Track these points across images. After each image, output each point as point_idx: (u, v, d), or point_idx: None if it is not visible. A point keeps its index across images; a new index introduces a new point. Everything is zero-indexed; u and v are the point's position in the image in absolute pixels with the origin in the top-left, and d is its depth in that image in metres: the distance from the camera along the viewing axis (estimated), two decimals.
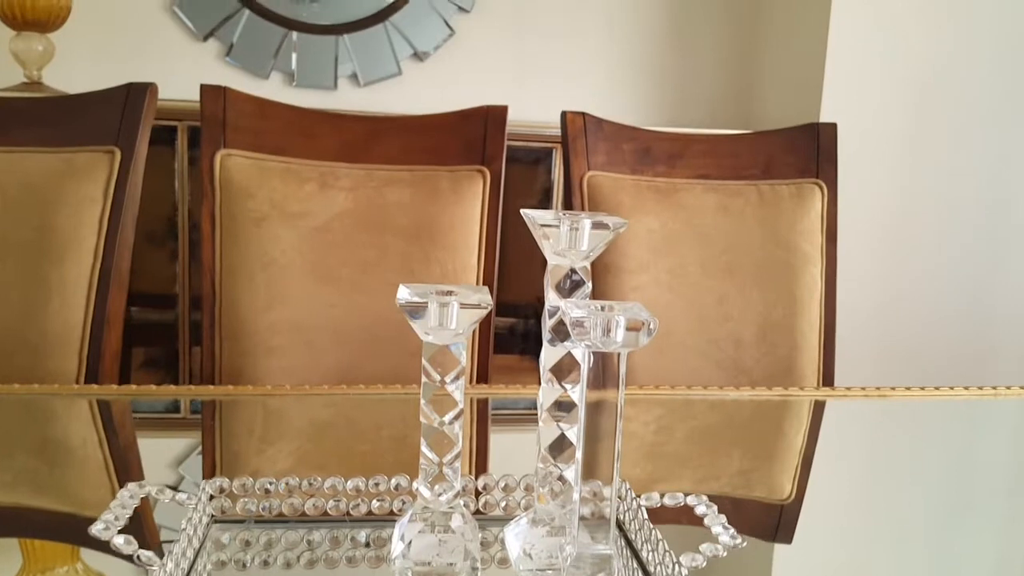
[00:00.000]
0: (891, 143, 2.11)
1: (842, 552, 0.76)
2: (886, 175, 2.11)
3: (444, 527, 0.66)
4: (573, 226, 0.62)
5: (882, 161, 2.10)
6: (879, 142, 2.09)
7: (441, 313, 0.63)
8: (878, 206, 2.08)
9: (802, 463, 1.04)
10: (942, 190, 2.15)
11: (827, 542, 0.81)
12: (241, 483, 0.70)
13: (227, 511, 0.71)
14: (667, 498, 0.69)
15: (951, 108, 2.13)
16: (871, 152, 2.06)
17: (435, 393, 0.65)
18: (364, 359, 1.29)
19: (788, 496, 0.91)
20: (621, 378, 0.55)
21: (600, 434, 0.59)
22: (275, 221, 1.27)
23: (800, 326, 1.38)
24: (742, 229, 1.38)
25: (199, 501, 0.67)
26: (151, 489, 0.66)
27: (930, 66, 2.11)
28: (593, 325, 0.52)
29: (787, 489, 0.94)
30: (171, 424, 1.11)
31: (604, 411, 0.59)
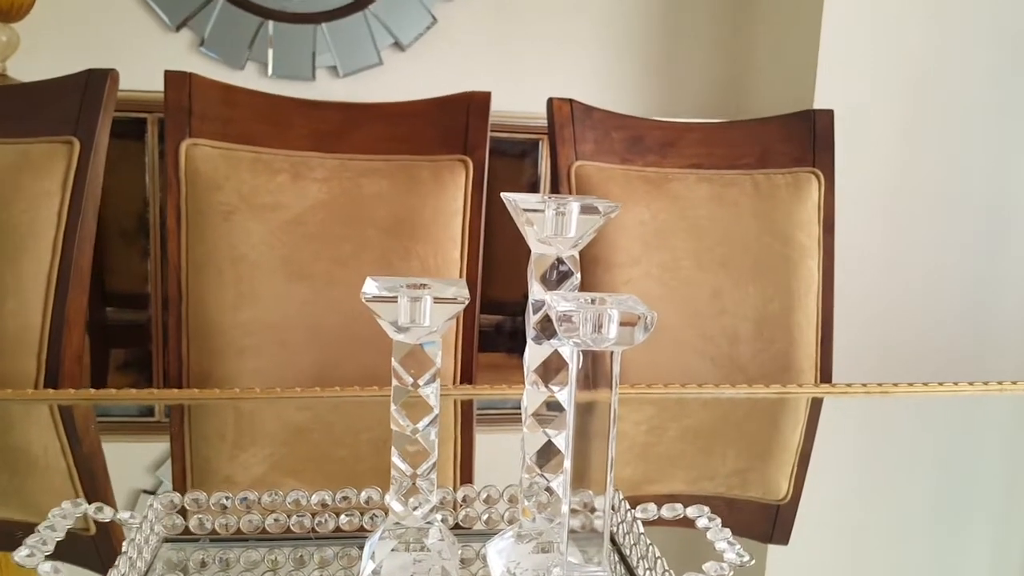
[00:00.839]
0: (887, 130, 2.05)
1: (840, 554, 0.72)
2: (882, 163, 2.05)
3: (419, 545, 0.60)
4: (559, 210, 0.56)
5: (878, 149, 2.05)
6: (874, 129, 2.03)
7: (412, 308, 0.56)
8: (874, 196, 2.02)
9: (799, 462, 1.00)
10: (940, 178, 2.09)
11: (824, 543, 0.77)
12: (194, 498, 0.64)
13: (179, 528, 0.64)
14: (665, 509, 0.62)
15: (948, 93, 2.08)
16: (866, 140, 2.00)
17: (407, 397, 0.59)
18: (341, 359, 1.22)
19: (784, 496, 0.87)
20: (614, 379, 0.48)
21: (591, 440, 0.53)
22: (244, 214, 1.21)
23: (797, 320, 1.32)
24: (737, 220, 1.32)
25: (144, 519, 0.60)
26: (87, 508, 0.59)
27: (927, 49, 2.05)
28: (583, 320, 0.46)
29: (783, 489, 0.90)
30: (146, 428, 1.05)
31: (595, 415, 0.53)
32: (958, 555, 0.76)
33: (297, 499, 0.65)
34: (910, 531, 0.80)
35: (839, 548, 0.74)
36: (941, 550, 0.77)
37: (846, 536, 0.77)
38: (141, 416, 1.06)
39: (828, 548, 0.75)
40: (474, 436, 1.09)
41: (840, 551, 0.74)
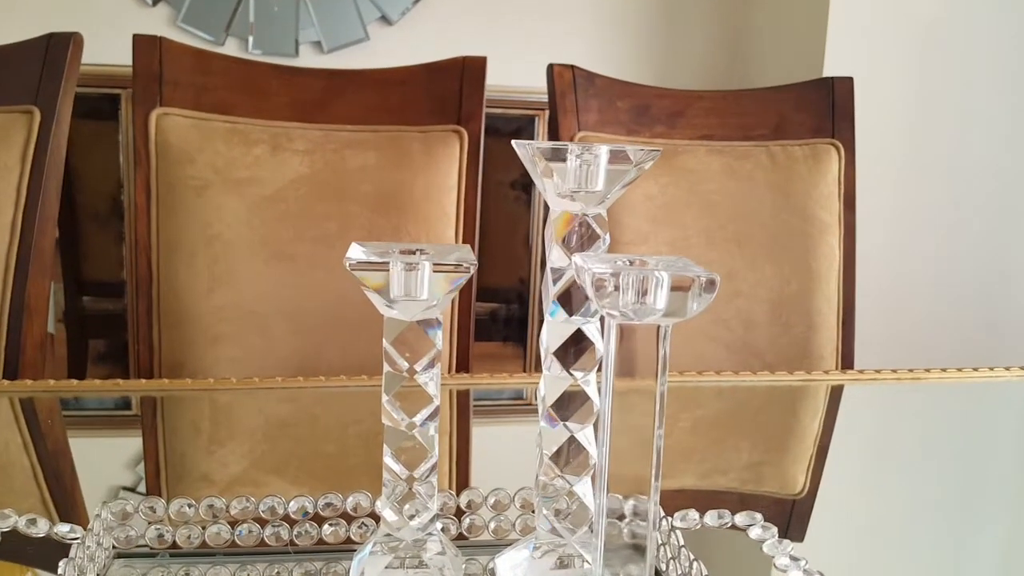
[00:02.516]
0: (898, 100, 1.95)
1: (858, 550, 0.64)
2: (894, 134, 1.95)
3: (416, 560, 0.51)
4: (585, 159, 0.46)
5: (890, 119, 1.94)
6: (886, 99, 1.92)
7: (407, 279, 0.47)
8: (886, 169, 1.92)
9: (816, 454, 0.92)
10: (954, 150, 1.99)
11: (842, 539, 0.69)
12: (150, 505, 0.54)
13: (134, 542, 0.55)
14: (708, 517, 0.53)
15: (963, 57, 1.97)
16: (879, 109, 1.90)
17: (402, 386, 0.49)
18: (325, 347, 1.13)
19: (801, 490, 0.81)
20: (663, 360, 0.39)
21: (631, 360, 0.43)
22: (218, 189, 1.10)
23: (817, 303, 1.23)
24: (751, 195, 1.23)
25: (89, 531, 0.50)
26: (17, 520, 0.50)
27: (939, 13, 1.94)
28: (625, 286, 0.36)
29: (800, 482, 0.83)
30: (124, 422, 0.98)
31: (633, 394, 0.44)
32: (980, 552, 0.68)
33: (272, 506, 0.55)
34: (933, 527, 0.72)
35: (857, 545, 0.67)
36: (966, 547, 0.69)
37: (865, 532, 0.70)
38: (118, 409, 0.98)
39: (846, 545, 0.67)
40: (471, 430, 1.00)
41: (858, 548, 0.66)
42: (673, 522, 0.52)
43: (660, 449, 0.46)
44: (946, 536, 0.70)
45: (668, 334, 0.40)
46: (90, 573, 0.50)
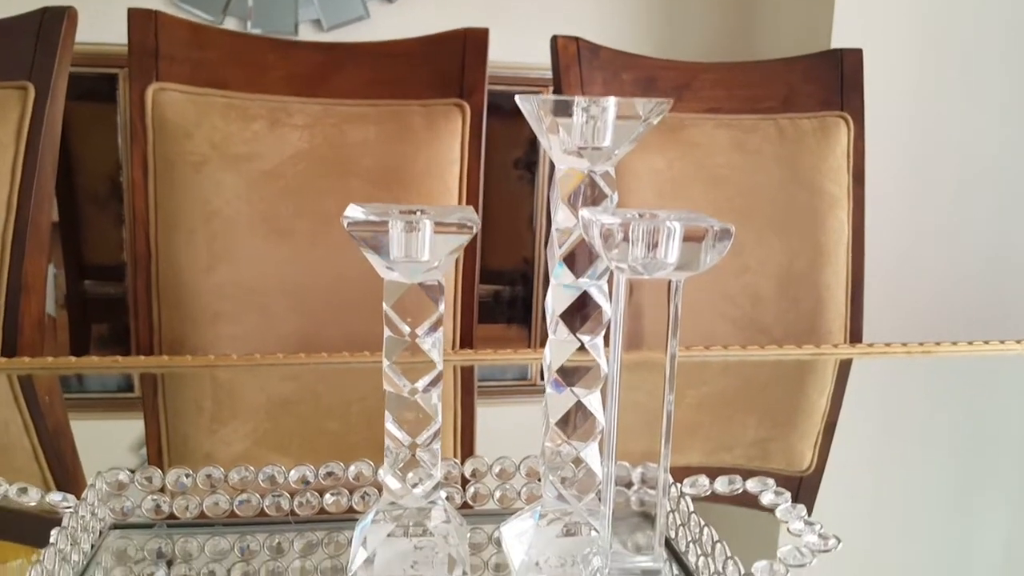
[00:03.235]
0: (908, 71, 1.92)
1: (866, 529, 0.61)
2: (905, 106, 1.91)
3: (420, 528, 0.49)
4: (592, 113, 0.44)
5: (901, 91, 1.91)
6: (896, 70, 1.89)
7: (408, 240, 0.45)
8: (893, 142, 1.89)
9: (824, 430, 0.91)
10: (965, 122, 1.96)
11: (850, 517, 0.66)
12: (147, 475, 0.52)
13: (130, 513, 0.53)
14: (718, 483, 0.51)
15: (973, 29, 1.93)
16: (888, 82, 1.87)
17: (403, 351, 0.48)
18: (326, 325, 1.11)
19: (808, 467, 0.79)
20: (674, 317, 0.37)
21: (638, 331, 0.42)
22: (217, 165, 1.09)
23: (825, 278, 1.22)
24: (759, 169, 1.21)
25: (83, 501, 0.49)
26: (7, 488, 0.48)
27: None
28: (635, 237, 0.35)
29: (807, 459, 0.82)
30: (127, 404, 0.96)
31: (639, 370, 0.42)
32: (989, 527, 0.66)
33: (273, 475, 0.54)
34: (939, 502, 0.70)
35: (866, 523, 0.64)
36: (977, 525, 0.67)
37: (874, 510, 0.68)
38: (120, 392, 0.97)
39: (854, 523, 0.65)
40: (475, 407, 0.98)
41: (866, 527, 0.64)
42: (683, 488, 0.51)
43: (671, 414, 0.45)
44: (955, 512, 0.68)
45: (680, 289, 0.38)
46: (84, 543, 0.49)
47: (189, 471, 0.53)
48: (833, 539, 0.45)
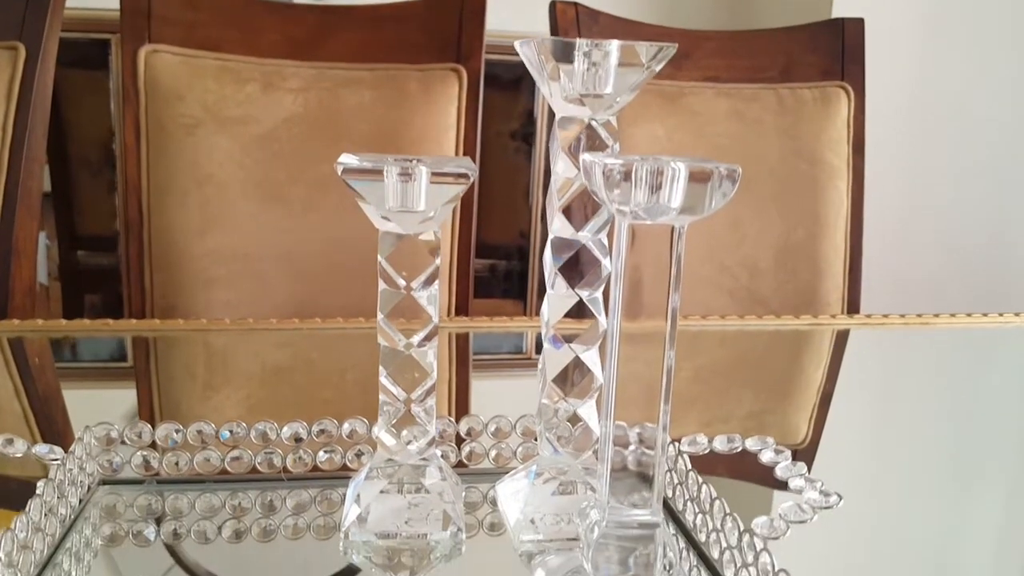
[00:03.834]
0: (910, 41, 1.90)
1: (861, 502, 0.59)
2: (906, 77, 1.89)
3: (415, 485, 0.49)
4: (593, 59, 0.43)
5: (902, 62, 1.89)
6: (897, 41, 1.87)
7: (403, 189, 0.44)
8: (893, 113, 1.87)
9: (820, 402, 0.90)
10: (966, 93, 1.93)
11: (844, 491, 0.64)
12: (136, 431, 0.52)
13: (119, 468, 0.53)
14: (717, 442, 0.51)
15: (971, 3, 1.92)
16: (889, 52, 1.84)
17: (398, 303, 0.47)
18: (321, 292, 1.10)
19: (803, 440, 0.78)
20: (676, 262, 0.37)
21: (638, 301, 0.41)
22: (210, 128, 1.07)
23: (823, 250, 1.21)
24: (759, 139, 1.20)
25: (71, 454, 0.48)
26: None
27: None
28: (638, 178, 0.33)
29: (802, 432, 0.80)
30: (119, 374, 0.94)
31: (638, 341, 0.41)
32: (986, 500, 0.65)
33: (264, 432, 0.53)
34: (939, 477, 0.69)
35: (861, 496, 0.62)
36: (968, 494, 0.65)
37: (869, 483, 0.66)
38: (113, 361, 0.96)
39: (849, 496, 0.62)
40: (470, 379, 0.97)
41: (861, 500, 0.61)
42: (681, 447, 0.50)
43: (671, 369, 0.44)
44: (951, 485, 0.67)
45: (683, 236, 0.37)
46: (72, 497, 0.48)
47: (179, 427, 0.53)
48: (835, 496, 0.44)
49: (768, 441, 0.50)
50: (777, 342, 1.04)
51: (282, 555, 0.49)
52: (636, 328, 0.43)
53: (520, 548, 0.48)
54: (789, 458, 0.49)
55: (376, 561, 0.47)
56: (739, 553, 0.42)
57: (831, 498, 0.44)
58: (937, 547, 0.54)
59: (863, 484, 0.65)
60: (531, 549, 0.48)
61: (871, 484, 0.65)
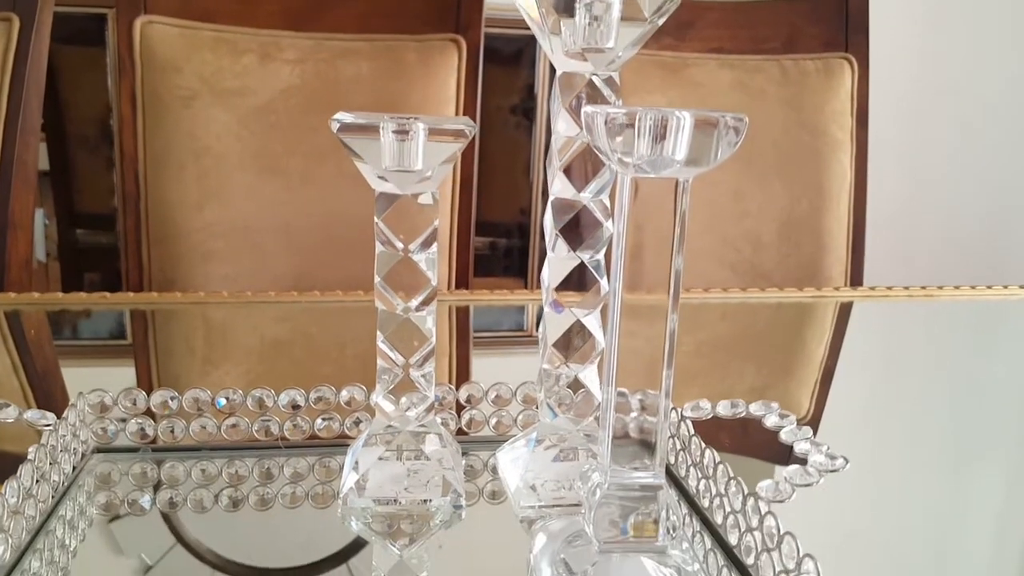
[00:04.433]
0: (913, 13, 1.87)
1: (863, 477, 0.58)
2: (910, 49, 1.87)
3: (414, 452, 0.48)
4: (594, 12, 0.42)
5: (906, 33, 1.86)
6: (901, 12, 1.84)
7: (400, 147, 0.43)
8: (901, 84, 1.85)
9: (822, 376, 0.89)
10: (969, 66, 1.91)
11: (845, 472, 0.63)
12: (131, 398, 0.51)
13: (114, 436, 0.52)
14: (720, 407, 0.50)
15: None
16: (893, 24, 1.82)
17: (395, 266, 0.46)
18: (320, 266, 1.09)
19: (804, 415, 0.76)
20: (680, 220, 0.36)
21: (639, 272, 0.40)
22: (207, 100, 1.06)
23: (827, 223, 1.20)
24: (762, 111, 1.18)
25: (64, 420, 0.47)
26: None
27: None
28: (641, 128, 0.32)
29: (804, 406, 0.79)
30: (119, 352, 0.93)
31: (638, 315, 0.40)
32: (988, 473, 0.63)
33: (261, 399, 0.52)
34: (943, 453, 0.67)
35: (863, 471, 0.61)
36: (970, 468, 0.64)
37: (872, 458, 0.64)
38: (112, 338, 0.95)
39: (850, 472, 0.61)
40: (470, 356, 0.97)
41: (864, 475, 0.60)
42: (683, 412, 0.49)
43: (674, 332, 0.43)
44: (955, 459, 0.66)
45: (687, 191, 0.36)
46: (65, 464, 0.47)
47: (175, 393, 0.52)
48: (840, 459, 0.43)
49: (772, 406, 0.49)
50: (779, 316, 1.03)
51: (280, 525, 0.48)
52: (637, 300, 0.42)
53: (521, 514, 0.47)
54: (794, 423, 0.48)
55: (375, 528, 0.47)
56: (743, 517, 0.41)
57: (837, 461, 0.44)
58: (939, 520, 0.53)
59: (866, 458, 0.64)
60: (532, 515, 0.47)
61: (874, 459, 0.64)
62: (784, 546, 0.37)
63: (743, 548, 0.41)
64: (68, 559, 0.44)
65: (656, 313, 0.42)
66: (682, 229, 0.39)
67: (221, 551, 0.45)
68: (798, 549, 0.36)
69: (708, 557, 0.44)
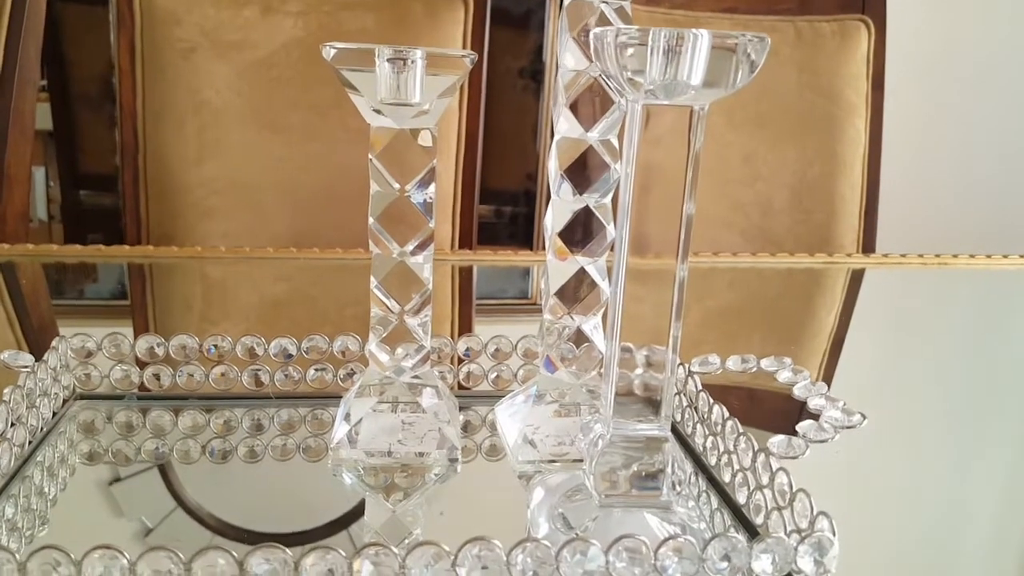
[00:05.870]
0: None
1: (872, 450, 0.55)
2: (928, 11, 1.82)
3: (409, 404, 0.46)
4: None
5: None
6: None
7: (397, 79, 0.41)
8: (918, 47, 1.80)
9: (831, 346, 0.86)
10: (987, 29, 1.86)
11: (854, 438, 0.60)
12: (115, 343, 0.49)
13: (97, 382, 0.50)
14: (730, 362, 0.48)
15: None
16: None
17: (391, 205, 0.44)
18: (321, 224, 1.07)
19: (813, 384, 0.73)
20: (693, 161, 0.33)
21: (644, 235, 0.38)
22: (207, 53, 1.03)
23: (840, 188, 1.17)
24: (776, 73, 1.15)
25: (43, 363, 0.45)
26: None
27: None
28: (653, 48, 0.30)
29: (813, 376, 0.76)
30: (119, 312, 0.92)
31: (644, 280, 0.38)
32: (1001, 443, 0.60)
33: (251, 347, 0.50)
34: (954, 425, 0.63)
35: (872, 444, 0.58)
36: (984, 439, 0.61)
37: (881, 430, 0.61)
38: (113, 299, 0.93)
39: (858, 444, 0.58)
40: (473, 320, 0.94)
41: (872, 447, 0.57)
42: (691, 367, 0.47)
43: (683, 282, 0.41)
44: (966, 430, 0.63)
45: (703, 119, 0.34)
46: (44, 409, 0.45)
47: (161, 339, 0.50)
48: (858, 415, 0.41)
49: (785, 361, 0.47)
50: (789, 285, 1.01)
51: (282, 488, 0.46)
52: (643, 264, 0.40)
53: (519, 469, 0.45)
54: (808, 378, 0.46)
55: (368, 481, 0.45)
56: (753, 475, 0.39)
57: (854, 417, 0.41)
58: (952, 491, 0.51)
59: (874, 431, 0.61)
60: (530, 470, 0.45)
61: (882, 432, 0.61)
62: (797, 504, 0.35)
63: (752, 507, 0.39)
64: (47, 507, 0.42)
65: (663, 278, 0.39)
66: (695, 170, 0.37)
67: (222, 515, 0.44)
68: (812, 506, 0.34)
69: (714, 517, 0.42)
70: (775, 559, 0.31)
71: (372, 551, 0.30)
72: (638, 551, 0.30)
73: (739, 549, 0.31)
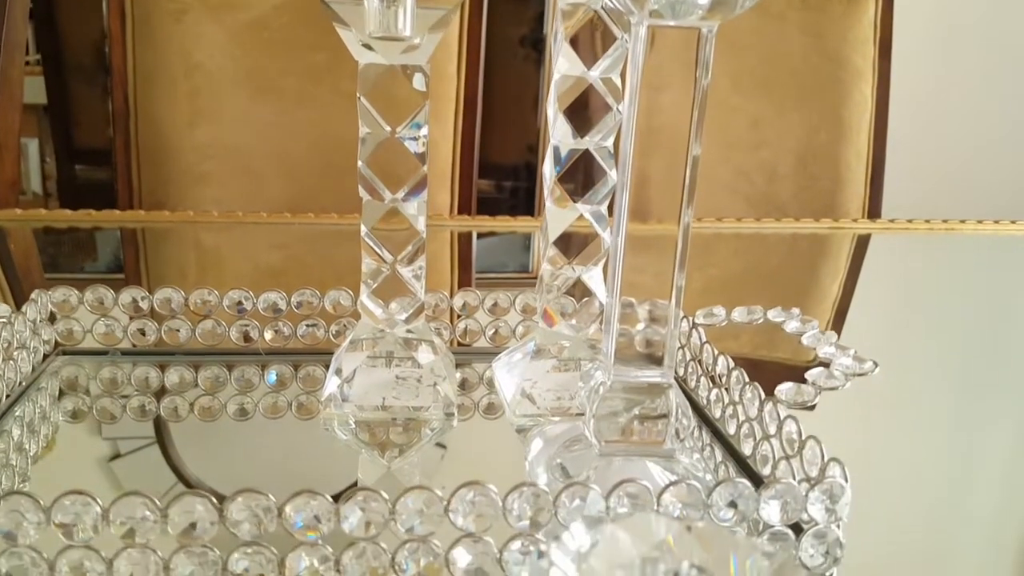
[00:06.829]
0: None
1: (874, 422, 0.53)
2: None
3: (403, 358, 0.44)
4: None
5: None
6: None
7: (386, 12, 0.39)
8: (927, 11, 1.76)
9: (835, 316, 0.83)
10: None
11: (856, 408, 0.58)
12: (98, 296, 0.47)
13: (79, 338, 0.48)
14: (736, 313, 0.46)
15: None
16: None
17: (380, 146, 0.42)
18: (316, 190, 1.05)
19: (813, 358, 0.71)
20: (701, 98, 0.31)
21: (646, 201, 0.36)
22: (198, 14, 1.01)
23: (845, 155, 1.15)
24: (782, 37, 1.13)
25: (22, 314, 0.43)
26: None
27: None
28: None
29: None
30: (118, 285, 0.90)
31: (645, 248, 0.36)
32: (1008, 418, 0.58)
33: (240, 301, 0.49)
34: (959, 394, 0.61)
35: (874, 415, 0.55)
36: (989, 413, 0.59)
37: (885, 401, 0.57)
38: (110, 272, 0.91)
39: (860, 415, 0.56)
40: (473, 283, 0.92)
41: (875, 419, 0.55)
42: (695, 320, 0.45)
43: (687, 228, 0.39)
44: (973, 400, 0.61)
45: (710, 42, 0.32)
46: (23, 364, 0.43)
47: (145, 293, 0.48)
48: (870, 363, 0.39)
49: (793, 312, 0.45)
50: (792, 252, 0.99)
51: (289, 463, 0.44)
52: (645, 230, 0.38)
53: (517, 423, 0.44)
54: (816, 327, 0.44)
55: (361, 438, 0.43)
56: (759, 425, 0.37)
57: (865, 364, 0.40)
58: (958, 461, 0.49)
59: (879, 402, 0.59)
60: (528, 424, 0.43)
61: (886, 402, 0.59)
62: (807, 452, 0.33)
63: (759, 458, 0.37)
64: (27, 463, 0.40)
65: (661, 245, 0.38)
66: (702, 109, 0.35)
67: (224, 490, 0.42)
68: (822, 453, 0.32)
69: (719, 470, 0.40)
70: (784, 505, 0.29)
71: (360, 496, 0.28)
72: (640, 496, 0.28)
73: (746, 495, 0.29)
